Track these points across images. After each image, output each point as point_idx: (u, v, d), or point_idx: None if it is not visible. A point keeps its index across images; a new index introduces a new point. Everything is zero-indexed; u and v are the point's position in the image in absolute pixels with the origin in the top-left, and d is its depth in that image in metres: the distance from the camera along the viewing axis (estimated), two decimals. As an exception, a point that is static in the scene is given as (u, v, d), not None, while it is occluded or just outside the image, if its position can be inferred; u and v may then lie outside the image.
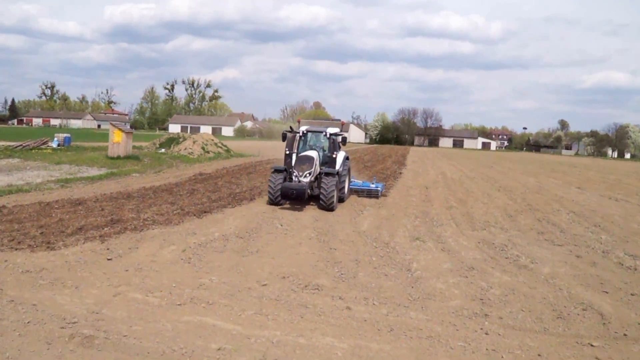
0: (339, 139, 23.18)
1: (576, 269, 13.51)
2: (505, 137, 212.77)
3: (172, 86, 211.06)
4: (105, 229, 15.07)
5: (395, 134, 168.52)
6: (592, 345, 8.79)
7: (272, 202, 20.98)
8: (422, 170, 47.31)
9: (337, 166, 22.31)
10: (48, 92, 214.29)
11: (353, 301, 10.25)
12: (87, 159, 38.60)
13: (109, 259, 12.06)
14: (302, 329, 8.79)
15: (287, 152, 22.34)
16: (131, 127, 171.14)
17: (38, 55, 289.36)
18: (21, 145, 45.78)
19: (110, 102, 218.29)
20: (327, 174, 21.08)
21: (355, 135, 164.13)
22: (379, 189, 25.24)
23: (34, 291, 9.92)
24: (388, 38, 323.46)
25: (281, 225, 16.83)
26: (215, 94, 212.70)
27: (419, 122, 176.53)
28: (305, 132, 23.18)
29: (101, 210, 17.80)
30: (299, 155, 21.78)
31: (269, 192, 20.99)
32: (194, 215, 17.89)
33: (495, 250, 15.17)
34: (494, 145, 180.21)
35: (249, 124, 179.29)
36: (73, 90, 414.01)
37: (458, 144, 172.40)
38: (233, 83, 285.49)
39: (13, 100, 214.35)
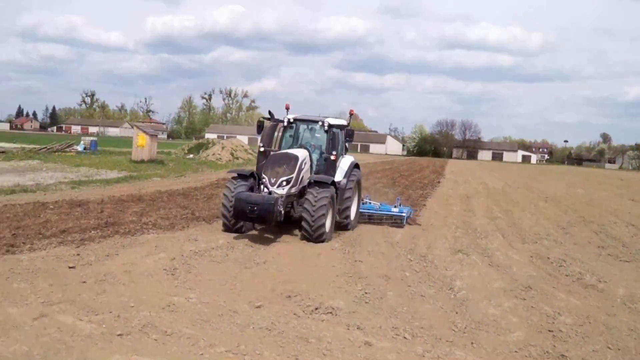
0: (342, 134, 16.16)
1: (656, 291, 10.99)
2: (545, 150, 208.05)
3: (210, 96, 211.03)
4: (93, 232, 12.96)
5: (433, 146, 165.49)
6: None
7: (228, 226, 14.05)
8: (462, 179, 44.76)
9: (340, 176, 15.47)
10: (88, 100, 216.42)
11: (376, 333, 7.65)
12: (110, 162, 37.04)
13: (70, 267, 9.70)
14: (291, 381, 6.18)
15: (262, 149, 15.18)
16: (168, 136, 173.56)
17: (81, 65, 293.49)
18: (46, 147, 44.51)
19: (148, 111, 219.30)
20: (316, 183, 14.10)
21: (393, 147, 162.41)
22: (403, 214, 17.34)
23: None
24: (426, 50, 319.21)
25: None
26: (252, 104, 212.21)
27: (457, 135, 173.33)
28: (291, 121, 16.10)
29: (100, 213, 15.87)
30: (276, 152, 14.88)
31: (222, 211, 14.20)
32: (204, 220, 15.76)
33: (553, 267, 12.79)
34: (534, 158, 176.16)
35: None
36: (113, 99, 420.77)
37: (497, 156, 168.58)
38: (272, 94, 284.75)
39: (54, 108, 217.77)
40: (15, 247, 10.97)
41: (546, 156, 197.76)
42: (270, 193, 13.50)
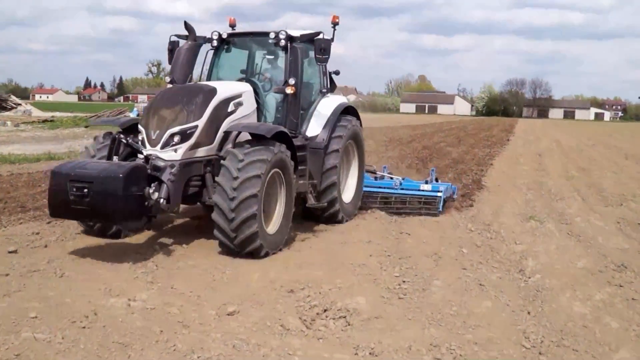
0: (309, 51, 9.62)
1: None
2: (619, 107, 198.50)
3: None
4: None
5: (502, 106, 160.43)
6: None
7: (90, 226, 8.31)
8: (533, 137, 41.65)
9: (317, 128, 9.66)
10: (154, 70, 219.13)
11: (403, 358, 4.90)
12: (158, 127, 35.62)
13: (10, 252, 7.27)
14: None
15: (170, 86, 8.98)
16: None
17: (148, 36, 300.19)
18: (96, 115, 43.62)
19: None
20: (256, 139, 7.93)
21: (461, 107, 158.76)
22: (439, 194, 11.32)
23: None
24: (495, 10, 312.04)
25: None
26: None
27: (527, 94, 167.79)
28: (224, 37, 9.55)
29: (116, 180, 14.04)
30: (169, 89, 8.73)
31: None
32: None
33: (648, 235, 10.11)
34: (607, 115, 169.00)
35: (351, 98, 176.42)
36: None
37: (569, 115, 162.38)
38: (338, 59, 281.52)
39: (121, 79, 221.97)
40: (-29, 223, 9.02)
41: (620, 113, 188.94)
42: (147, 159, 7.57)
